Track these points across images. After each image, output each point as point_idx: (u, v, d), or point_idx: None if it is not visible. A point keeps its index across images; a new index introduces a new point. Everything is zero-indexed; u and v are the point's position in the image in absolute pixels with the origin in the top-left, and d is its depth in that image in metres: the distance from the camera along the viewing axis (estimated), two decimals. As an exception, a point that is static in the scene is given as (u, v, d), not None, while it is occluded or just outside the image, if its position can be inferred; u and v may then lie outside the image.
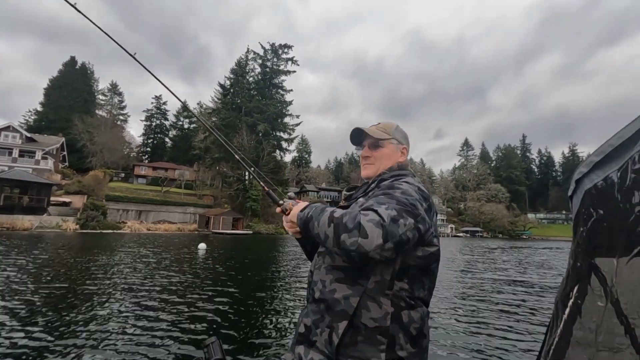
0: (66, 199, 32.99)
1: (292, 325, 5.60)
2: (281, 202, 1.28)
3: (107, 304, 6.14)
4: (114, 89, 72.63)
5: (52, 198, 31.89)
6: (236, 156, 1.64)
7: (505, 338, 5.32)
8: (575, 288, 0.79)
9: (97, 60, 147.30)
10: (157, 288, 7.66)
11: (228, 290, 7.88)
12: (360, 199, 1.16)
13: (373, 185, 1.21)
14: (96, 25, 1.54)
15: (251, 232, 40.56)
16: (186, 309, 6.08)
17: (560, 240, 63.57)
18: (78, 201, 32.75)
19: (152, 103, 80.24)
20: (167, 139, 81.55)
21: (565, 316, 0.81)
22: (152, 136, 79.73)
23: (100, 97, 70.33)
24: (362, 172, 1.33)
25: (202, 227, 39.75)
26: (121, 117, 73.94)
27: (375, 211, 0.92)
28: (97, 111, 63.44)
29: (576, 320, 0.76)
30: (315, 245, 1.33)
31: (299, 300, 7.24)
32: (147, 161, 71.00)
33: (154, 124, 79.68)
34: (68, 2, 1.43)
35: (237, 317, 5.82)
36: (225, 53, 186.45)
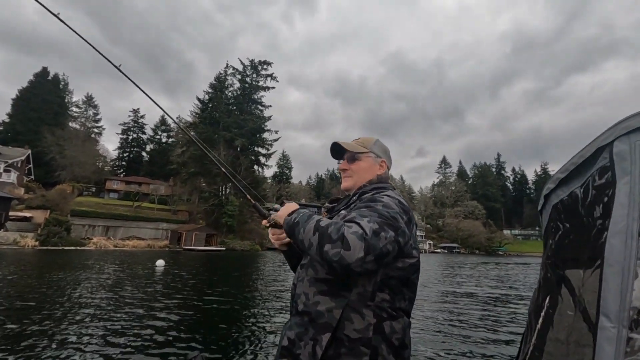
0: (27, 213, 31.36)
1: (269, 338, 5.57)
2: (267, 214, 1.31)
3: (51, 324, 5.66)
4: (89, 101, 70.85)
5: (11, 213, 30.24)
6: (222, 169, 1.73)
7: (483, 347, 5.53)
8: (547, 298, 0.82)
9: (76, 72, 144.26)
10: (102, 305, 7.20)
11: (188, 304, 7.56)
12: (342, 212, 1.20)
13: (355, 197, 1.24)
14: (81, 37, 1.51)
15: (224, 248, 39.53)
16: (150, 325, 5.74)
17: (533, 256, 64.99)
18: (40, 216, 31.16)
19: (129, 116, 78.76)
20: (144, 153, 79.73)
21: (538, 326, 0.83)
22: (128, 150, 77.78)
23: (74, 109, 68.48)
24: (342, 184, 1.37)
25: (173, 243, 38.46)
26: (95, 130, 71.97)
27: (358, 224, 0.95)
28: (71, 123, 61.49)
29: (549, 329, 0.78)
30: (299, 259, 1.33)
31: (261, 316, 7.00)
32: (122, 175, 68.87)
33: (130, 137, 77.89)
34: (52, 12, 1.42)
35: (209, 335, 5.63)
36: (210, 70, 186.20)
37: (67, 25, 1.48)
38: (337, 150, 1.39)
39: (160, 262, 16.08)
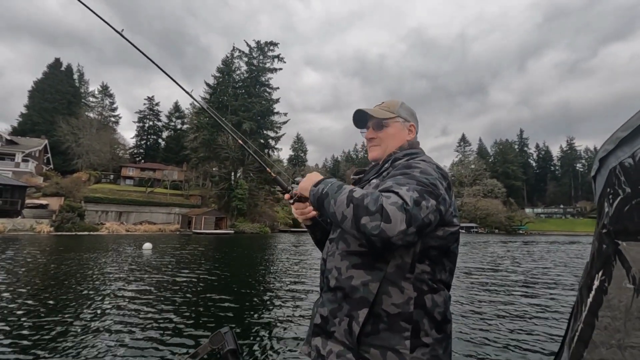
0: (43, 201, 32.66)
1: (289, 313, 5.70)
2: (289, 187, 1.26)
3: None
4: (104, 90, 72.37)
5: (28, 200, 31.58)
6: (239, 141, 1.68)
7: (524, 326, 5.49)
8: (600, 272, 0.77)
9: (99, 62, 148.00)
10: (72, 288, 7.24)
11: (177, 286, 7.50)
12: (374, 181, 1.13)
13: (387, 165, 1.16)
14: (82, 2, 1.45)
15: (233, 231, 40.08)
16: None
17: (556, 235, 62.68)
18: (55, 203, 32.40)
19: (144, 104, 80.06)
20: (160, 140, 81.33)
21: (590, 301, 0.78)
22: (145, 137, 79.47)
23: (91, 99, 70.18)
24: (369, 154, 1.28)
25: (184, 227, 39.36)
26: (112, 119, 73.78)
27: (397, 193, 0.88)
28: (87, 113, 63.19)
29: (602, 305, 0.74)
30: (325, 233, 1.28)
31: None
32: (141, 162, 70.70)
33: (146, 125, 79.39)
34: None
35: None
36: (226, 54, 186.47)
37: None
38: (361, 119, 1.28)
39: (147, 246, 16.26)
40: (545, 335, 5.12)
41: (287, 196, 1.25)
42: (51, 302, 6.34)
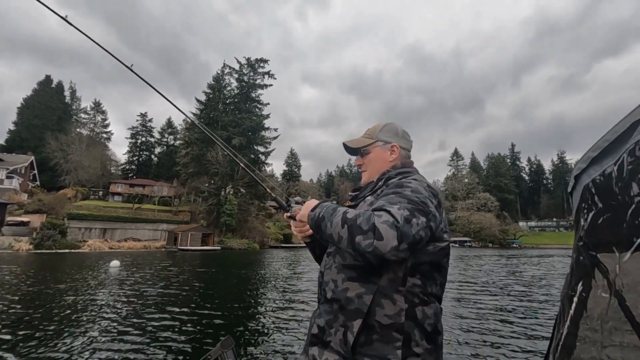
0: (24, 218, 32.09)
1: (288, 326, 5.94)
2: (288, 207, 1.32)
3: None
4: (97, 107, 72.56)
5: (9, 218, 31.04)
6: (241, 164, 1.77)
7: (511, 335, 5.78)
8: (580, 283, 0.81)
9: (98, 80, 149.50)
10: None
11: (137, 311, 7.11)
12: (369, 198, 1.18)
13: (381, 183, 1.21)
14: (90, 39, 1.55)
15: (220, 247, 39.46)
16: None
17: (548, 248, 62.34)
18: (37, 220, 31.84)
19: (137, 120, 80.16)
20: (153, 156, 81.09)
21: (571, 311, 0.82)
22: (138, 153, 79.23)
23: (83, 115, 70.23)
24: (362, 179, 1.37)
25: (170, 244, 38.69)
26: (104, 135, 73.70)
27: (389, 212, 0.93)
28: (79, 129, 63.12)
29: (582, 315, 0.78)
30: (323, 249, 1.34)
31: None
32: (133, 178, 70.22)
33: (139, 141, 79.31)
34: (59, 14, 1.45)
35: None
36: (217, 70, 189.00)
37: (75, 27, 1.51)
38: (348, 149, 1.39)
39: (114, 264, 15.83)
40: (532, 345, 5.40)
41: (286, 215, 1.31)
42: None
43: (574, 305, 0.81)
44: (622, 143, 0.72)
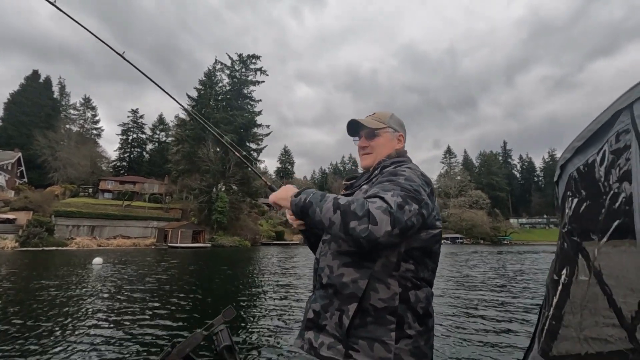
0: (10, 215, 31.62)
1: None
2: None
3: None
4: (87, 103, 71.52)
5: (-6, 215, 30.56)
6: (237, 154, 1.80)
7: (497, 322, 6.05)
8: (564, 268, 0.83)
9: (91, 77, 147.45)
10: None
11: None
12: (364, 186, 1.20)
13: (377, 172, 1.23)
14: (80, 24, 1.56)
15: (210, 245, 39.29)
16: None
17: (537, 245, 63.09)
18: (23, 218, 31.38)
19: (128, 117, 79.24)
20: (144, 153, 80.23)
21: (556, 297, 0.84)
22: (129, 150, 78.34)
23: (72, 111, 69.18)
24: (361, 162, 1.36)
25: (160, 241, 38.45)
26: (94, 132, 72.73)
27: (382, 198, 0.96)
28: (69, 126, 62.19)
29: (566, 300, 0.80)
30: (318, 237, 1.33)
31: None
32: (124, 175, 69.40)
33: (130, 137, 78.41)
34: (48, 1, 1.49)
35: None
36: (208, 66, 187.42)
37: (64, 12, 1.52)
38: (353, 127, 1.37)
39: (97, 260, 15.67)
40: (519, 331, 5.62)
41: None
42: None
43: (558, 290, 0.82)
44: (605, 133, 0.73)
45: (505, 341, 5.15)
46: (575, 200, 0.79)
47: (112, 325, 5.89)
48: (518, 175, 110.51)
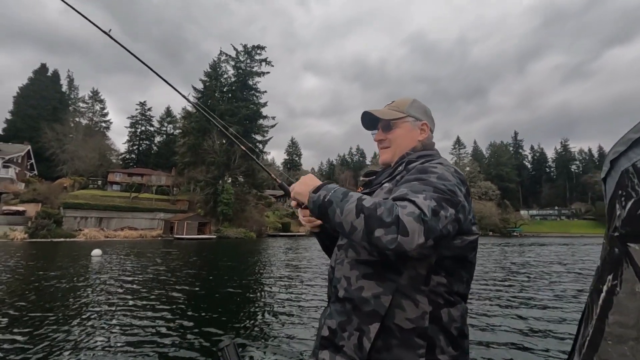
0: (20, 207, 32.18)
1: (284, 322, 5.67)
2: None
3: None
4: (95, 96, 72.10)
5: (4, 207, 31.15)
6: (242, 147, 1.67)
7: (532, 332, 5.38)
8: (611, 276, 0.76)
9: (99, 69, 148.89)
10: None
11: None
12: (386, 184, 1.06)
13: (401, 167, 1.08)
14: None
15: (216, 236, 39.52)
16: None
17: (549, 237, 62.05)
18: (32, 209, 31.92)
19: (136, 109, 79.74)
20: (153, 145, 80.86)
21: (600, 306, 0.77)
22: (138, 143, 79.03)
23: (81, 104, 69.86)
24: (380, 157, 1.22)
25: (166, 233, 38.80)
26: (103, 124, 73.42)
27: (413, 202, 0.82)
28: (77, 118, 62.88)
29: (612, 309, 0.73)
30: (334, 240, 1.19)
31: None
32: (133, 167, 70.15)
33: (138, 130, 79.03)
34: None
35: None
36: (213, 58, 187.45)
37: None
38: (370, 120, 1.22)
39: (96, 252, 15.74)
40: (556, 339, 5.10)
41: (294, 203, 1.15)
42: None
43: (602, 298, 0.74)
44: None
45: (538, 345, 4.76)
46: (632, 201, 0.69)
47: (97, 317, 5.77)
48: (529, 165, 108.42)
